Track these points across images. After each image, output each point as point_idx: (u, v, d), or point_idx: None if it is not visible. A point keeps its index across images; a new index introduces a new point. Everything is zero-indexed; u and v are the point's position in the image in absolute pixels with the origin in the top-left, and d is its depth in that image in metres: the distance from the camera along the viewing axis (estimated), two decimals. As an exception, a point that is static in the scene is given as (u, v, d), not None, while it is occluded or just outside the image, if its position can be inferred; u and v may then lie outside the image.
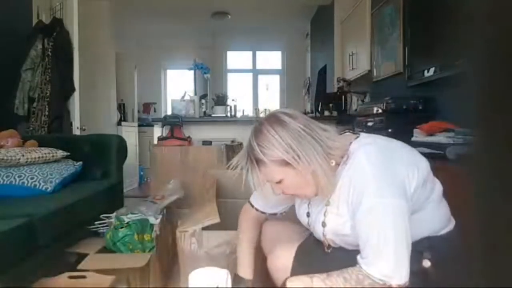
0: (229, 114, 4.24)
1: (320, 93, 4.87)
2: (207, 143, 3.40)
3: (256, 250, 1.23)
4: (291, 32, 6.48)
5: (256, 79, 7.24)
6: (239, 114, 4.63)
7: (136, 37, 6.38)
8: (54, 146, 2.12)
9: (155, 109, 6.37)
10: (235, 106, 4.43)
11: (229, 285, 0.92)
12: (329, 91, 4.53)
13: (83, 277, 1.33)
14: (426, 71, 2.30)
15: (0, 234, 1.22)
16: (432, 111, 2.24)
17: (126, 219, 1.70)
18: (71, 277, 1.34)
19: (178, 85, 6.86)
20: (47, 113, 2.72)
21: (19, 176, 1.83)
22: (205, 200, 1.70)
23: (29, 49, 2.77)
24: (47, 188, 1.85)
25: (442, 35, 2.07)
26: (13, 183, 1.81)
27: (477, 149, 0.29)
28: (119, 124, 4.34)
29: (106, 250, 1.66)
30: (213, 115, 4.20)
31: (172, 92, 6.93)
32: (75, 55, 2.89)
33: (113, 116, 4.20)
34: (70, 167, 2.09)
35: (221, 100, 4.34)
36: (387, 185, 0.83)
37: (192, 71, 4.72)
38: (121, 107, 4.78)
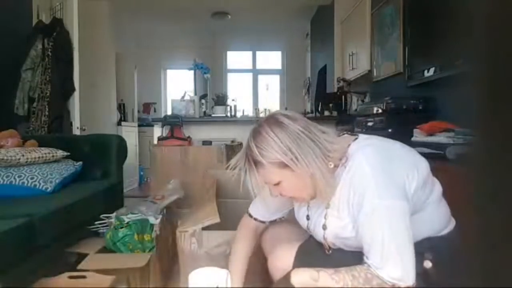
0: (229, 114, 4.24)
1: (320, 93, 4.87)
2: (207, 143, 3.39)
3: (255, 254, 1.21)
4: (291, 32, 6.48)
5: (256, 79, 7.24)
6: (239, 114, 4.62)
7: (136, 37, 6.38)
8: (54, 146, 2.12)
9: (155, 109, 6.37)
10: (235, 106, 4.43)
11: (229, 285, 0.92)
12: (329, 91, 4.53)
13: (83, 277, 1.33)
14: (426, 71, 2.30)
15: (0, 234, 1.22)
16: (432, 111, 2.24)
17: (126, 219, 1.70)
18: (71, 277, 1.34)
19: (178, 85, 6.85)
20: (47, 113, 2.72)
21: (19, 176, 1.83)
22: (205, 200, 1.70)
23: (29, 49, 2.77)
24: (47, 188, 1.85)
25: (442, 35, 2.07)
26: (13, 183, 1.81)
27: (477, 149, 0.29)
28: (119, 124, 4.34)
29: (106, 250, 1.66)
30: (213, 115, 4.20)
31: (172, 92, 6.93)
32: (75, 55, 2.89)
33: (113, 116, 4.20)
34: (70, 167, 2.09)
35: (221, 100, 4.33)
36: (387, 186, 0.83)
37: (192, 71, 4.72)
38: (121, 107, 4.78)
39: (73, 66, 2.87)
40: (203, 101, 4.28)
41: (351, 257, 0.90)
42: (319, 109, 4.31)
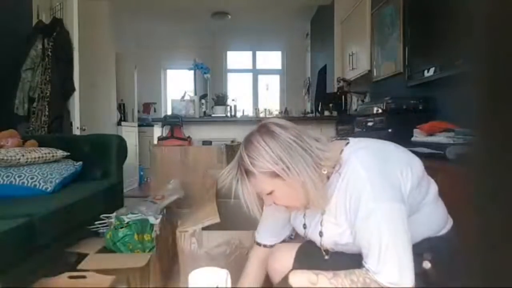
0: (229, 114, 4.24)
1: (320, 93, 4.87)
2: (207, 143, 3.39)
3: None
4: (291, 32, 6.48)
5: (256, 79, 7.24)
6: (239, 114, 4.62)
7: (136, 37, 6.38)
8: (54, 146, 2.12)
9: (155, 109, 6.37)
10: (235, 106, 4.42)
11: (229, 285, 0.92)
12: (329, 91, 4.53)
13: (83, 277, 1.33)
14: (426, 71, 2.30)
15: (0, 234, 1.22)
16: (432, 111, 2.24)
17: (126, 219, 1.70)
18: (71, 277, 1.34)
19: (178, 85, 6.85)
20: (47, 113, 2.72)
21: (19, 176, 1.83)
22: (205, 200, 1.70)
23: (29, 49, 2.77)
24: (47, 188, 1.85)
25: (442, 35, 2.07)
26: (13, 183, 1.81)
27: (477, 149, 0.29)
28: (119, 124, 4.34)
29: (106, 250, 1.66)
30: (213, 115, 4.20)
31: (172, 92, 6.93)
32: (75, 55, 2.89)
33: (113, 116, 4.20)
34: (70, 167, 2.09)
35: (221, 100, 4.33)
36: (383, 189, 0.82)
37: (192, 71, 4.71)
38: (121, 107, 4.78)
39: (73, 66, 2.87)
40: (203, 101, 4.28)
41: (350, 259, 0.90)
42: (319, 109, 4.31)
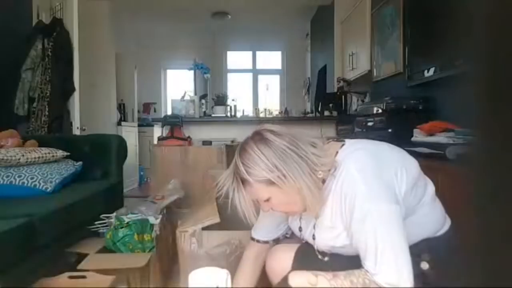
0: (229, 114, 4.24)
1: (320, 93, 4.86)
2: (207, 143, 3.39)
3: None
4: (291, 32, 6.47)
5: (256, 79, 7.24)
6: (239, 114, 4.62)
7: (136, 37, 6.38)
8: (54, 146, 2.12)
9: (155, 109, 6.37)
10: (235, 106, 4.42)
11: (229, 285, 0.92)
12: (329, 91, 4.53)
13: (83, 277, 1.33)
14: (426, 71, 2.30)
15: (0, 234, 1.22)
16: (432, 111, 2.24)
17: (126, 219, 1.70)
18: (71, 277, 1.34)
19: (178, 85, 6.85)
20: (47, 113, 2.72)
21: (19, 176, 1.83)
22: (205, 200, 1.70)
23: (29, 49, 2.77)
24: (47, 188, 1.85)
25: (442, 35, 2.07)
26: (13, 183, 1.81)
27: (477, 149, 0.29)
28: (119, 124, 4.34)
29: (106, 250, 1.66)
30: (213, 115, 4.19)
31: (172, 92, 6.93)
32: (75, 55, 2.89)
33: (113, 116, 4.20)
34: (70, 167, 2.09)
35: (221, 100, 4.33)
36: (377, 190, 0.82)
37: (192, 71, 4.72)
38: (121, 107, 4.78)
39: (73, 66, 2.87)
40: (203, 101, 4.27)
41: (349, 260, 0.90)
42: (319, 109, 4.30)
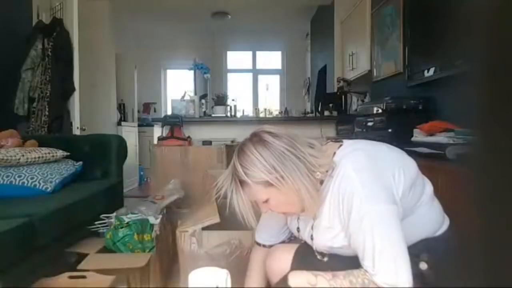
0: (229, 114, 4.24)
1: (320, 93, 4.86)
2: (207, 143, 3.39)
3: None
4: (291, 32, 6.47)
5: (256, 79, 7.24)
6: (239, 114, 4.62)
7: (136, 37, 6.38)
8: (54, 146, 2.12)
9: (155, 109, 6.37)
10: (235, 106, 4.42)
11: (229, 285, 0.92)
12: (329, 91, 4.53)
13: (83, 277, 1.33)
14: (426, 71, 2.30)
15: (0, 234, 1.22)
16: (432, 111, 2.24)
17: (126, 219, 1.70)
18: (71, 277, 1.34)
19: (178, 85, 6.85)
20: (47, 113, 2.72)
21: (19, 176, 1.83)
22: (205, 200, 1.70)
23: (29, 49, 2.77)
24: (47, 188, 1.85)
25: (442, 35, 2.07)
26: (13, 183, 1.81)
27: (477, 149, 0.29)
28: (119, 124, 4.34)
29: (106, 250, 1.66)
30: (213, 115, 4.19)
31: (172, 92, 6.93)
32: (75, 55, 2.89)
33: (113, 116, 4.21)
34: (70, 167, 2.09)
35: (221, 100, 4.33)
36: (375, 190, 0.82)
37: (192, 71, 4.72)
38: (121, 107, 4.78)
39: (73, 66, 2.87)
40: (203, 101, 4.27)
41: (348, 260, 0.90)
42: (319, 109, 4.30)
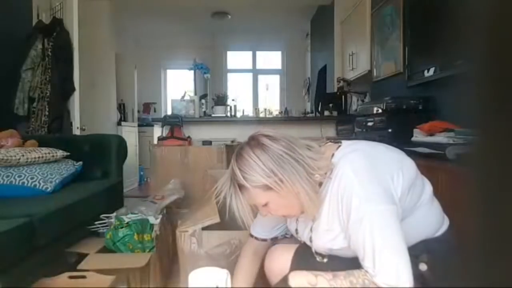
0: (229, 114, 4.24)
1: (320, 93, 4.87)
2: (207, 143, 3.39)
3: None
4: (291, 32, 6.47)
5: (256, 79, 7.24)
6: (239, 114, 4.62)
7: (136, 37, 6.38)
8: (54, 146, 2.11)
9: (155, 109, 6.37)
10: (235, 106, 4.42)
11: (229, 285, 0.92)
12: (329, 91, 4.53)
13: (83, 277, 1.33)
14: (426, 71, 2.30)
15: (0, 234, 1.22)
16: (432, 111, 2.24)
17: (126, 219, 1.70)
18: (71, 277, 1.34)
19: (178, 85, 6.86)
20: (47, 113, 2.72)
21: (19, 176, 1.83)
22: (205, 200, 1.70)
23: (29, 49, 2.77)
24: (47, 188, 1.85)
25: (442, 35, 2.07)
26: (13, 183, 1.81)
27: (477, 149, 0.29)
28: (119, 124, 4.34)
29: (106, 250, 1.66)
30: (213, 115, 4.19)
31: (172, 92, 6.93)
32: (75, 55, 2.89)
33: (113, 116, 4.20)
34: (70, 167, 2.09)
35: (221, 100, 4.33)
36: (373, 191, 0.82)
37: (192, 71, 4.72)
38: (121, 107, 4.78)
39: (73, 66, 2.87)
40: (203, 101, 4.27)
41: (348, 260, 0.90)
42: (319, 109, 4.30)
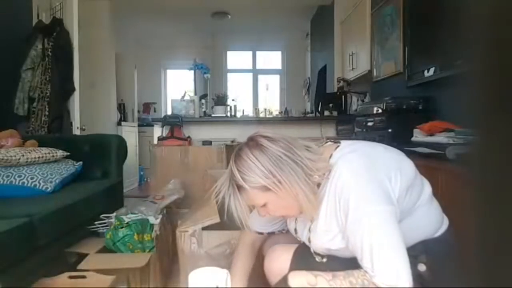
0: (229, 114, 4.24)
1: (320, 93, 4.86)
2: (207, 143, 3.39)
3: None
4: (291, 32, 6.47)
5: (256, 79, 7.24)
6: (239, 114, 4.62)
7: (136, 37, 6.38)
8: (54, 146, 2.11)
9: (155, 109, 6.37)
10: (235, 106, 4.42)
11: (229, 285, 0.92)
12: (329, 91, 4.53)
13: (83, 277, 1.33)
14: (426, 71, 2.30)
15: (0, 234, 1.22)
16: (432, 111, 2.24)
17: (126, 219, 1.70)
18: (71, 277, 1.34)
19: (178, 85, 6.86)
20: (47, 113, 2.72)
21: (19, 176, 1.83)
22: (205, 200, 1.70)
23: (29, 49, 2.77)
24: (47, 188, 1.85)
25: (442, 35, 2.07)
26: (13, 183, 1.81)
27: (477, 149, 0.29)
28: (119, 124, 4.34)
29: (106, 250, 1.66)
30: (213, 115, 4.19)
31: (172, 92, 6.93)
32: (75, 55, 2.89)
33: (113, 116, 4.20)
34: (70, 167, 2.09)
35: (221, 100, 4.33)
36: (371, 191, 0.82)
37: (192, 71, 4.72)
38: (121, 107, 4.78)
39: (73, 66, 2.87)
40: (203, 101, 4.27)
41: (348, 260, 0.90)
42: (319, 109, 4.30)
